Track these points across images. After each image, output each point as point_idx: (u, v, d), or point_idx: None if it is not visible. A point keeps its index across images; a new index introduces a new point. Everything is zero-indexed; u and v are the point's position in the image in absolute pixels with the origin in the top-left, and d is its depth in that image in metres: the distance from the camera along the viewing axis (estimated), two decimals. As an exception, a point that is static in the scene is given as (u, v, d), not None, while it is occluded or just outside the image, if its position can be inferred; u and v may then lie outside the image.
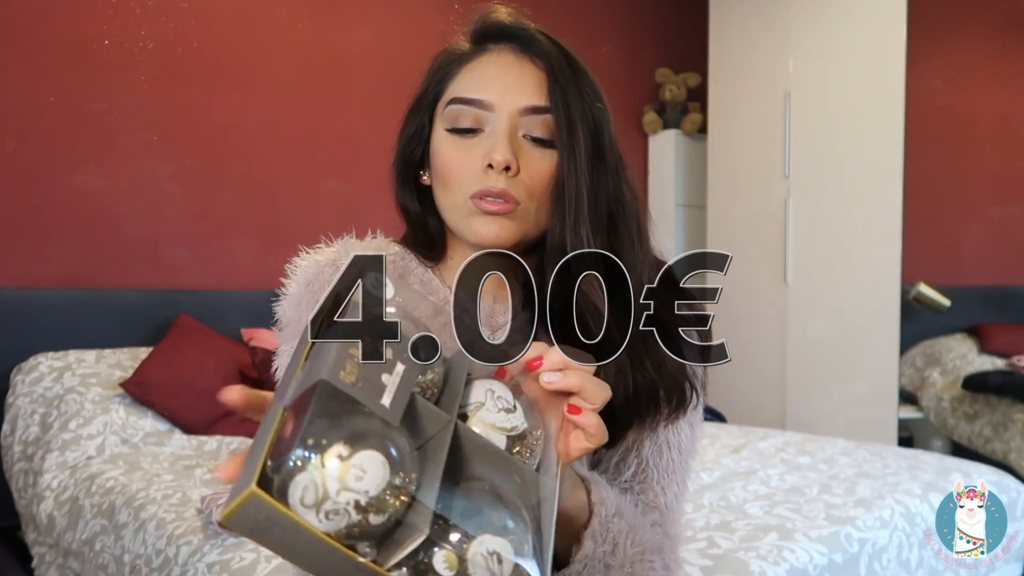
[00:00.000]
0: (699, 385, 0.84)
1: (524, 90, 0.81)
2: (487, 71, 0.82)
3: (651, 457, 0.84)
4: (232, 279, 2.95)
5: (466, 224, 0.82)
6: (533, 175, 0.80)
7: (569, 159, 0.80)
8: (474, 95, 0.81)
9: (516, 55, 0.83)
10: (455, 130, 0.82)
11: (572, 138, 0.80)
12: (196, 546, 1.60)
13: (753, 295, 3.55)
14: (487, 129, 0.81)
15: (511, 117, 0.80)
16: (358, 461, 0.48)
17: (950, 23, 3.80)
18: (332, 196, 3.16)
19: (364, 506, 0.48)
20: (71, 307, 2.56)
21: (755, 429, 2.66)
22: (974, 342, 3.72)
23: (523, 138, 0.81)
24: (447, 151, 0.82)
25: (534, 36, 0.82)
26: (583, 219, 0.79)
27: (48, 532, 2.10)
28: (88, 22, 2.68)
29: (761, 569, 1.45)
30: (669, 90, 4.01)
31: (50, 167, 2.63)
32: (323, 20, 3.15)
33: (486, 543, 0.51)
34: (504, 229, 0.80)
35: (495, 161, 0.79)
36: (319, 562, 0.48)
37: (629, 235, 0.83)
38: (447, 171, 0.82)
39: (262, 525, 0.46)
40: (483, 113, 0.81)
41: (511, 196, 0.79)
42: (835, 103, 3.34)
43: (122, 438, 2.27)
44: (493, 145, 0.80)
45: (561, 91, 0.80)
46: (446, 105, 0.83)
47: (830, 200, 3.35)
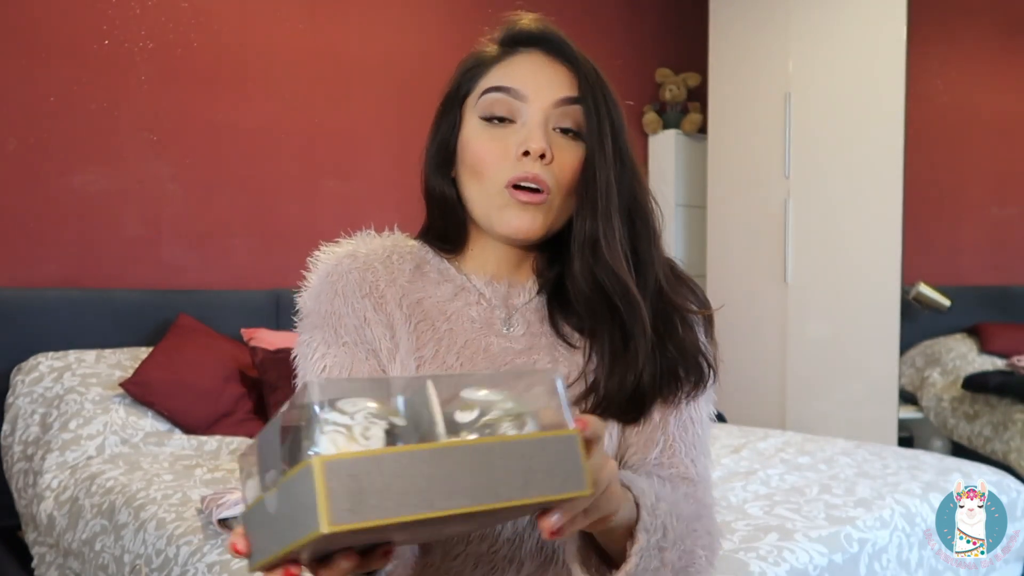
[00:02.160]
0: (713, 361, 0.89)
1: (555, 85, 0.85)
2: (521, 67, 0.86)
3: (677, 432, 0.88)
4: (232, 279, 2.95)
5: (498, 215, 0.85)
6: (564, 166, 0.84)
7: (600, 151, 0.84)
8: (509, 84, 0.85)
9: (547, 57, 0.87)
10: (489, 119, 0.86)
11: (601, 131, 0.84)
12: (196, 546, 1.60)
13: (753, 295, 3.55)
14: (519, 120, 0.85)
15: (544, 110, 0.84)
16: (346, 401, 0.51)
17: (950, 23, 3.80)
18: (332, 196, 3.16)
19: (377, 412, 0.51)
20: (71, 307, 2.56)
21: (755, 429, 2.66)
22: (974, 342, 3.72)
23: (553, 131, 0.85)
24: (481, 140, 0.86)
25: (564, 41, 0.87)
26: (613, 208, 0.84)
27: (48, 532, 2.10)
28: (88, 22, 2.68)
29: (761, 569, 1.45)
30: (669, 90, 4.01)
31: (50, 167, 2.63)
32: (323, 20, 3.15)
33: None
34: (535, 220, 0.84)
35: (532, 148, 0.82)
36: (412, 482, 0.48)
37: (646, 231, 0.87)
38: (480, 161, 0.85)
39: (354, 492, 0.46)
40: (516, 103, 0.85)
41: (545, 183, 0.83)
42: (835, 103, 3.34)
43: (122, 438, 2.27)
44: (528, 135, 0.83)
45: (591, 88, 0.85)
46: (480, 95, 0.87)
47: (830, 200, 3.35)
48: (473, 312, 0.89)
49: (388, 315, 0.88)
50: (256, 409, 2.51)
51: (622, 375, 0.84)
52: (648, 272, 0.86)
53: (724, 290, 3.66)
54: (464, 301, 0.90)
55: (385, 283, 0.89)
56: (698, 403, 0.90)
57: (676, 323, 0.87)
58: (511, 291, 0.91)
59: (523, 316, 0.90)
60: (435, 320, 0.88)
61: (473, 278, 0.91)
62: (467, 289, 0.91)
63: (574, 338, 0.88)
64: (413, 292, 0.89)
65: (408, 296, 0.89)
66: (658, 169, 4.03)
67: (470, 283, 0.91)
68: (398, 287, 0.89)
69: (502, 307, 0.90)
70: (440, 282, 0.91)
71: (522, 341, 0.88)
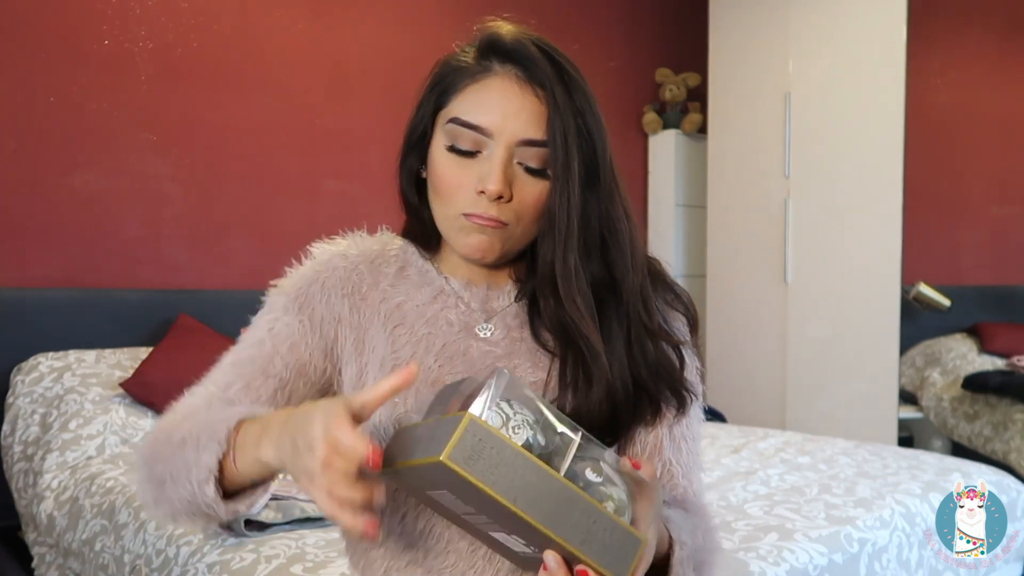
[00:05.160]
0: (691, 388, 0.90)
1: (523, 121, 0.83)
2: (490, 97, 0.84)
3: (672, 456, 0.90)
4: (232, 279, 2.95)
5: (456, 236, 0.87)
6: (524, 200, 0.85)
7: (562, 192, 0.83)
8: (475, 120, 0.84)
9: (519, 83, 0.84)
10: (454, 149, 0.85)
11: (567, 171, 0.83)
12: (196, 546, 1.60)
13: (753, 295, 3.55)
14: (484, 152, 0.84)
15: (508, 147, 0.83)
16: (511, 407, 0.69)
17: (950, 23, 3.80)
18: (332, 196, 3.16)
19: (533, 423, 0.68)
20: (71, 307, 2.56)
21: (755, 429, 2.66)
22: (974, 342, 3.72)
23: (518, 165, 0.85)
24: (445, 167, 0.86)
25: (536, 62, 0.84)
26: (572, 248, 0.84)
27: (48, 532, 2.10)
28: (88, 22, 2.68)
29: (761, 569, 1.45)
30: (669, 90, 4.00)
31: (50, 167, 2.62)
32: (323, 20, 3.15)
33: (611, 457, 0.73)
34: (493, 244, 0.86)
35: (489, 191, 0.83)
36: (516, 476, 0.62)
37: (621, 251, 0.87)
38: (443, 185, 0.86)
39: (475, 452, 0.61)
40: (482, 138, 0.84)
41: (499, 221, 0.85)
42: (835, 103, 3.34)
43: (122, 438, 2.27)
44: (488, 172, 0.83)
45: (561, 123, 0.83)
46: (447, 121, 0.86)
47: (830, 200, 3.35)
48: (452, 315, 0.90)
49: (364, 318, 0.90)
50: (256, 409, 2.51)
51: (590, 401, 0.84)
52: (625, 294, 0.86)
53: (724, 290, 3.66)
54: (443, 304, 0.91)
55: (368, 286, 0.92)
56: (689, 418, 0.91)
57: (647, 343, 0.86)
58: (490, 294, 0.93)
59: (502, 320, 0.91)
60: (414, 323, 0.90)
61: (452, 281, 0.93)
62: (446, 292, 0.92)
63: (552, 344, 0.89)
64: (394, 296, 0.91)
65: (388, 300, 0.91)
66: (658, 169, 4.03)
67: (449, 286, 0.93)
68: (380, 290, 0.92)
69: (481, 311, 0.91)
70: (420, 285, 0.93)
71: (502, 345, 0.89)
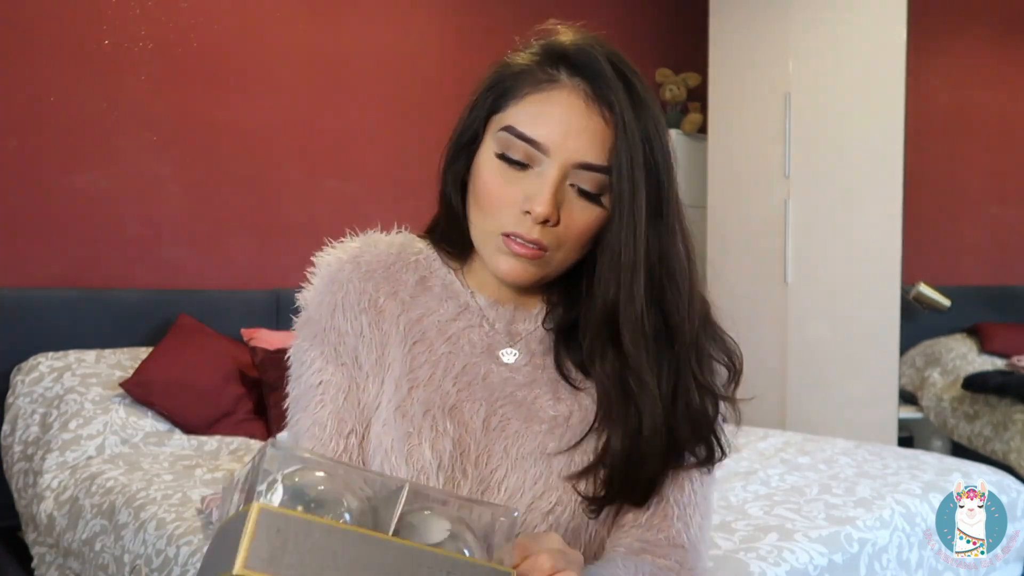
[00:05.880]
0: (725, 443, 0.84)
1: (585, 142, 0.76)
2: (552, 111, 0.77)
3: (672, 495, 0.83)
4: (232, 279, 2.95)
5: (490, 255, 0.81)
6: (571, 226, 0.78)
7: (628, 227, 0.76)
8: (532, 133, 0.76)
9: (586, 100, 0.77)
10: (504, 158, 0.78)
11: (633, 203, 0.76)
12: (196, 546, 1.60)
13: (753, 295, 3.54)
14: (536, 168, 0.77)
15: (563, 168, 0.76)
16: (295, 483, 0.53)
17: (950, 23, 3.80)
18: (332, 196, 3.16)
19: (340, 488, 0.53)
20: (71, 307, 2.56)
21: (755, 429, 2.66)
22: (974, 342, 3.72)
23: (570, 187, 0.77)
24: (491, 176, 0.79)
25: (608, 80, 0.77)
26: (639, 292, 0.77)
27: (48, 532, 2.10)
28: (88, 22, 2.68)
29: (761, 570, 1.45)
30: (669, 90, 4.00)
31: (50, 167, 2.62)
32: (323, 20, 3.15)
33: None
34: (527, 271, 0.79)
35: (536, 213, 0.76)
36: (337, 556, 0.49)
37: (678, 296, 0.80)
38: (486, 196, 0.79)
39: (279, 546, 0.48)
40: (536, 153, 0.77)
41: (542, 244, 0.78)
42: (835, 103, 3.34)
43: (122, 438, 2.27)
44: (537, 192, 0.76)
45: (628, 150, 0.75)
46: (501, 128, 0.78)
47: (830, 200, 3.35)
48: (475, 335, 0.84)
49: (383, 333, 0.83)
50: (256, 409, 2.51)
51: (636, 461, 0.78)
52: (677, 344, 0.80)
53: (724, 290, 3.65)
54: (466, 322, 0.85)
55: (385, 296, 0.84)
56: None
57: (693, 395, 0.80)
58: (516, 315, 0.86)
59: (527, 345, 0.85)
60: (434, 341, 0.83)
61: (479, 296, 0.86)
62: (471, 309, 0.85)
63: (577, 379, 0.84)
64: (414, 308, 0.84)
65: (408, 312, 0.84)
66: (658, 169, 4.02)
67: (475, 302, 0.86)
68: (398, 301, 0.84)
69: (505, 332, 0.85)
70: (444, 299, 0.86)
71: (523, 372, 0.84)
